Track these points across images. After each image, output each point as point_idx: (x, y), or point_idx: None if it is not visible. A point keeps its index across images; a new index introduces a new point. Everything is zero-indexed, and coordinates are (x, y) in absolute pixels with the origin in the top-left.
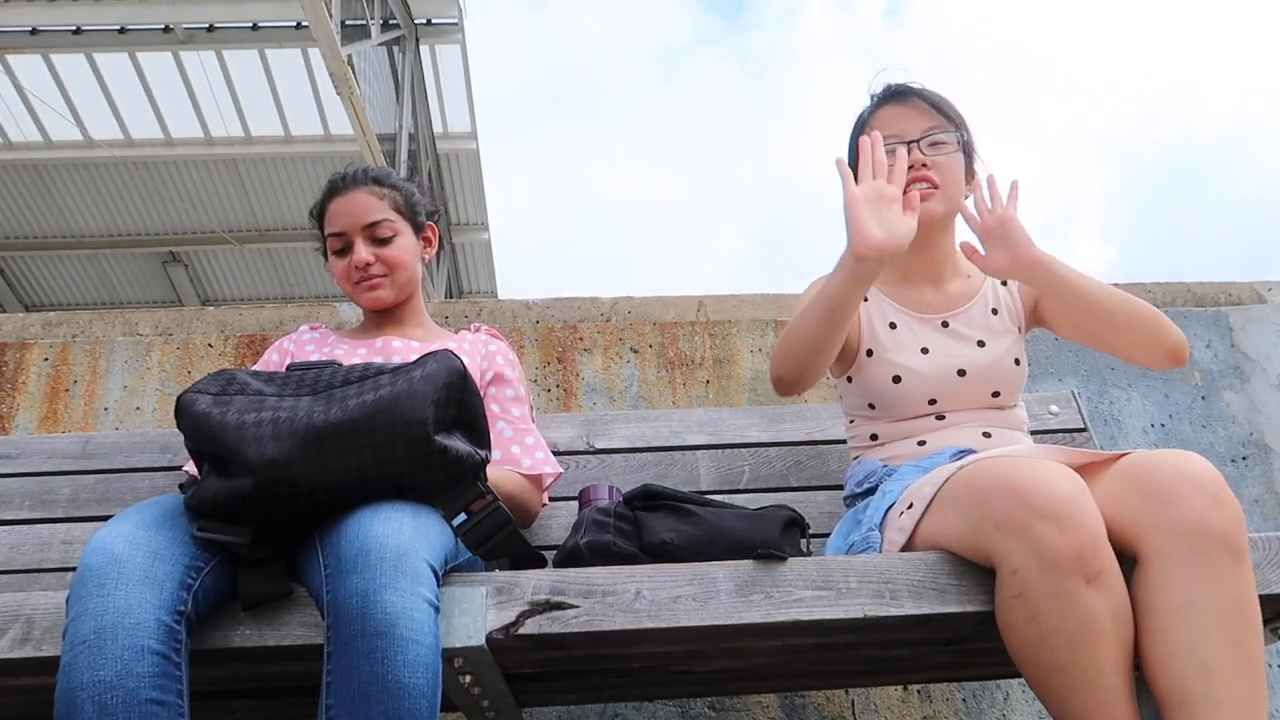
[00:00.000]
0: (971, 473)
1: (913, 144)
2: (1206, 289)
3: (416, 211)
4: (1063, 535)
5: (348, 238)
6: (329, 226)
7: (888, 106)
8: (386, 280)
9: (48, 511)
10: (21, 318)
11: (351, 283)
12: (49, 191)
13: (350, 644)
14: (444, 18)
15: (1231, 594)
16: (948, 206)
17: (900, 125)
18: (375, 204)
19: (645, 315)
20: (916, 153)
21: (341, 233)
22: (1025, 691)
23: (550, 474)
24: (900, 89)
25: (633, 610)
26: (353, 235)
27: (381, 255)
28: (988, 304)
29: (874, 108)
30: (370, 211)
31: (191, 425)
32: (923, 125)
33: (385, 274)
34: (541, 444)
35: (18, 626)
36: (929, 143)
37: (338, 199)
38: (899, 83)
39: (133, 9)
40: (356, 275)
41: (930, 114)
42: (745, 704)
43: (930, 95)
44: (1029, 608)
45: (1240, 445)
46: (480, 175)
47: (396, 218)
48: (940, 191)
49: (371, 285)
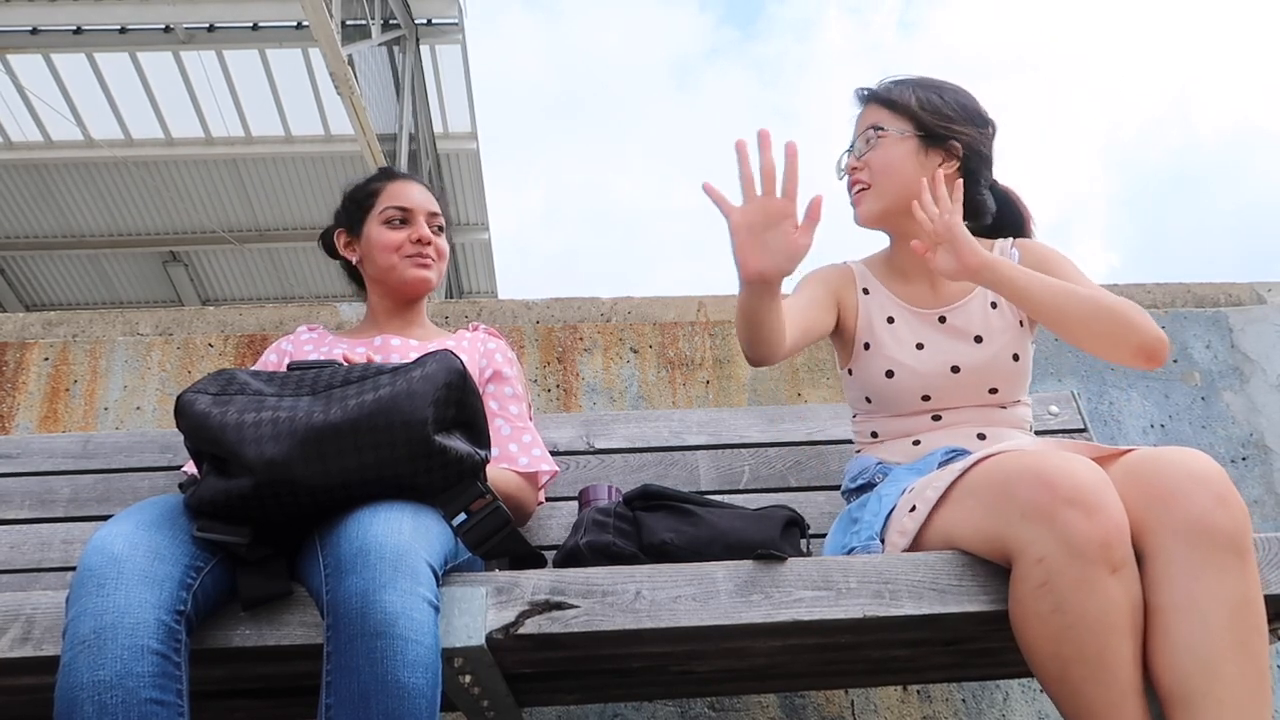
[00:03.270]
0: (993, 463)
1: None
2: (1206, 290)
3: (449, 223)
4: (1090, 523)
5: (413, 214)
6: (391, 200)
7: (858, 111)
8: (436, 265)
9: (48, 511)
10: (22, 317)
11: (404, 255)
12: (49, 191)
13: (350, 644)
14: (444, 18)
15: (1236, 592)
16: (887, 201)
17: (855, 131)
18: (434, 201)
19: (645, 315)
20: (850, 157)
21: (408, 208)
22: (1025, 692)
23: (546, 472)
24: (859, 92)
25: (633, 610)
26: (419, 214)
27: (437, 243)
28: (987, 296)
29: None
30: (433, 203)
31: (191, 425)
32: (865, 125)
33: (436, 259)
34: (539, 442)
35: (18, 626)
36: (863, 140)
37: (402, 183)
38: (861, 86)
39: (133, 9)
40: (413, 249)
41: (877, 111)
42: (745, 704)
43: (883, 92)
44: (1054, 597)
45: (1240, 446)
46: (480, 175)
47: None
48: (873, 189)
49: (424, 263)
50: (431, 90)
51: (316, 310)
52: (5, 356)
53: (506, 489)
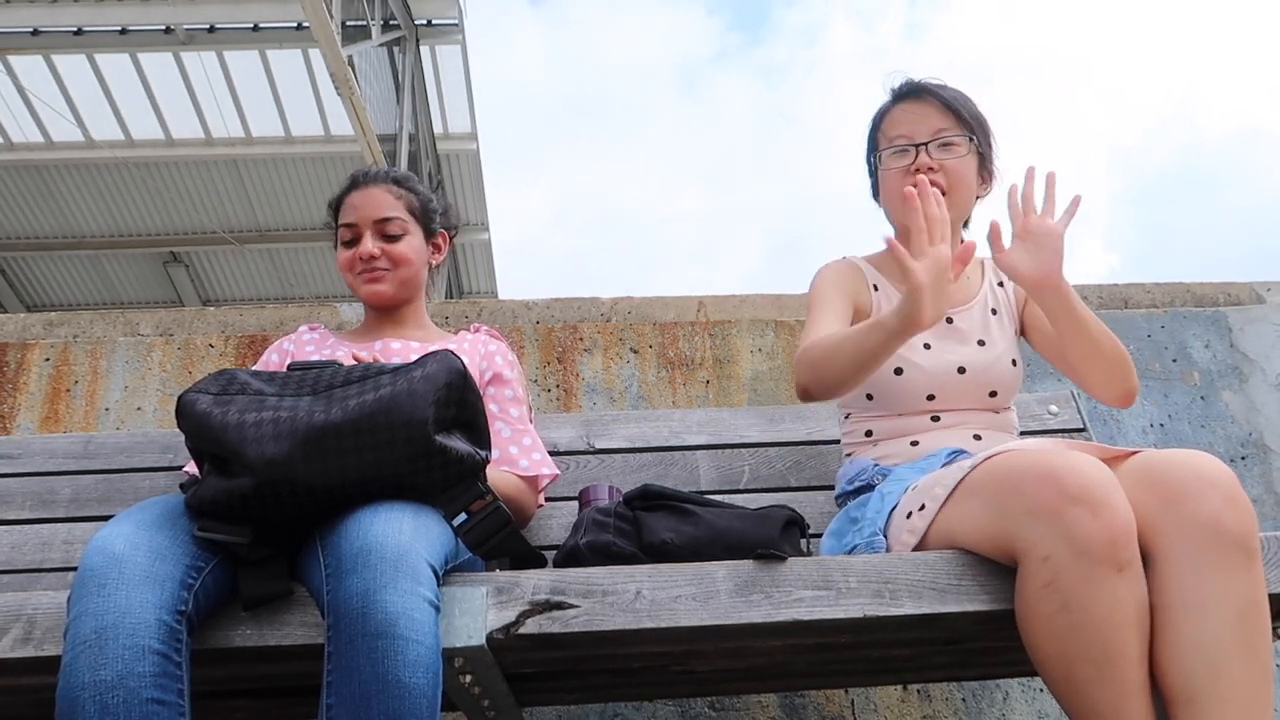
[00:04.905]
0: (999, 462)
1: (921, 146)
2: (1206, 289)
3: (430, 216)
4: (1096, 521)
5: (358, 229)
6: (343, 217)
7: (902, 104)
8: (389, 275)
9: (49, 511)
10: (23, 318)
11: (354, 273)
12: (50, 192)
13: (350, 644)
14: (444, 18)
15: (1242, 593)
16: (955, 212)
17: (912, 126)
18: (390, 201)
19: (645, 315)
20: (924, 156)
21: (353, 224)
22: (1025, 691)
23: (547, 475)
24: (915, 87)
25: (633, 610)
26: (363, 227)
27: (388, 250)
28: (987, 304)
29: (889, 105)
30: (384, 207)
31: (192, 425)
32: (933, 126)
33: (389, 269)
34: (539, 445)
35: (19, 626)
36: (939, 145)
37: (356, 192)
38: (915, 80)
39: (134, 10)
40: (359, 266)
41: (943, 114)
42: (745, 704)
43: (945, 94)
44: (1060, 596)
45: (1239, 445)
46: (480, 176)
47: (409, 218)
48: (948, 197)
49: (374, 277)
50: (431, 91)
51: (317, 310)
52: (6, 357)
53: (507, 492)
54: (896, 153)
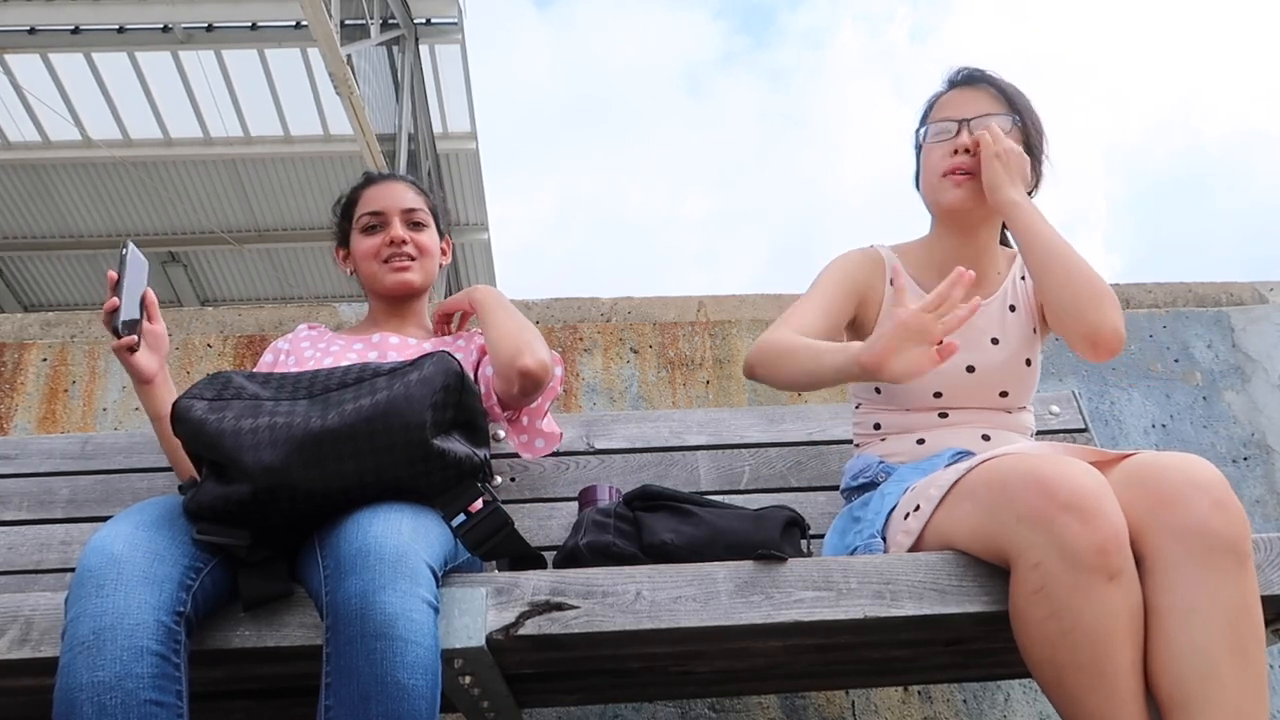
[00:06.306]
0: (992, 466)
1: (964, 123)
2: (1207, 289)
3: (439, 218)
4: (1086, 529)
5: (385, 216)
6: (365, 207)
7: (957, 90)
8: (415, 264)
9: (46, 512)
10: (20, 318)
11: (381, 260)
12: (48, 191)
13: (349, 645)
14: (444, 17)
15: (1234, 598)
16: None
17: (959, 108)
18: (414, 195)
19: (645, 315)
20: (964, 135)
21: (380, 211)
22: (1026, 692)
23: (559, 375)
24: (972, 74)
25: (633, 611)
26: (391, 215)
27: (415, 239)
28: (1006, 299)
29: (943, 90)
30: (410, 199)
31: (188, 431)
32: (981, 109)
33: (416, 256)
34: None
35: (16, 627)
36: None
37: (376, 186)
38: (970, 67)
39: (131, 8)
40: (388, 252)
41: (994, 100)
42: (745, 705)
43: (1000, 83)
44: (1049, 603)
45: (1241, 445)
46: (480, 176)
47: (429, 214)
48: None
49: (402, 266)
50: (431, 90)
51: (316, 310)
52: (3, 357)
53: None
54: (940, 132)
